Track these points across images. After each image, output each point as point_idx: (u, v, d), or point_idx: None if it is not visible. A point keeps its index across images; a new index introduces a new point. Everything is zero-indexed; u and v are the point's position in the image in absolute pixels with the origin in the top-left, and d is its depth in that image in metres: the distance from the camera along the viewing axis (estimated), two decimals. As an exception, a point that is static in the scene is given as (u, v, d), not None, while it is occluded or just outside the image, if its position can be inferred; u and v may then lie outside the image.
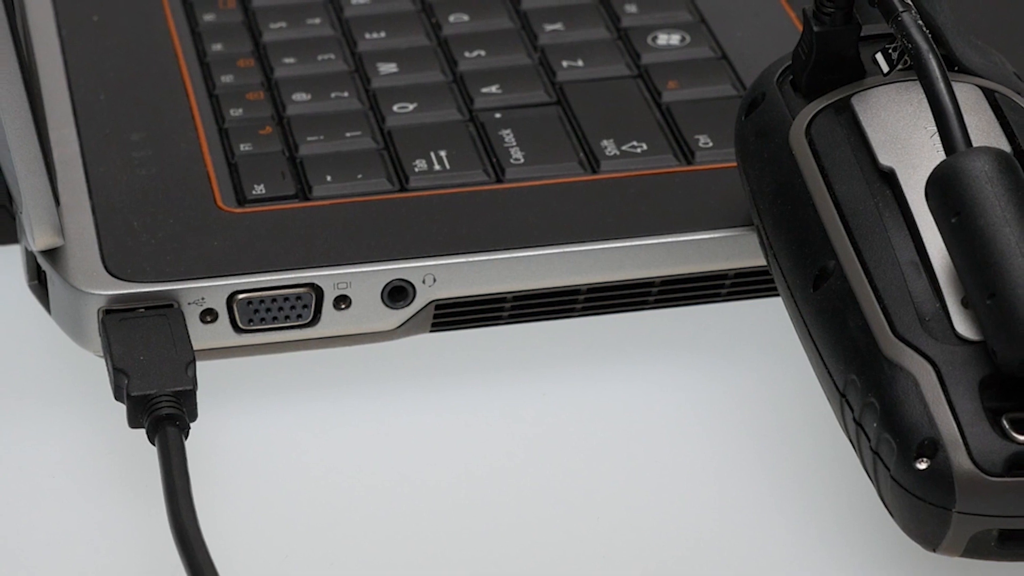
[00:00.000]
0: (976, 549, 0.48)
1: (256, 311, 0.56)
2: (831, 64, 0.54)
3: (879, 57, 0.53)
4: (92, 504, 0.54)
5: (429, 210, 0.58)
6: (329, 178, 0.58)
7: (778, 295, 0.55)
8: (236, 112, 0.61)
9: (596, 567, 0.52)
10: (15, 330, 0.59)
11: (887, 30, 0.52)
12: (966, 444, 0.47)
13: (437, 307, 0.57)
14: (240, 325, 0.56)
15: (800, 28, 0.54)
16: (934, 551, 0.49)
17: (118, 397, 0.53)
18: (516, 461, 0.55)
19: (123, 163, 0.59)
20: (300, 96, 0.62)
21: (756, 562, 0.52)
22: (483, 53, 0.64)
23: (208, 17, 0.65)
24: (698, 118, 0.61)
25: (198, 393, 0.53)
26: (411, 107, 0.61)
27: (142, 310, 0.54)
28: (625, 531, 0.53)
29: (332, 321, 0.56)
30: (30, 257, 0.56)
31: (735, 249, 0.57)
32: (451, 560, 0.52)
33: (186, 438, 0.52)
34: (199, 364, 0.54)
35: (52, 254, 0.55)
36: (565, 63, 0.63)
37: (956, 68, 0.53)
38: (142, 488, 0.53)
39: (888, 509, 0.49)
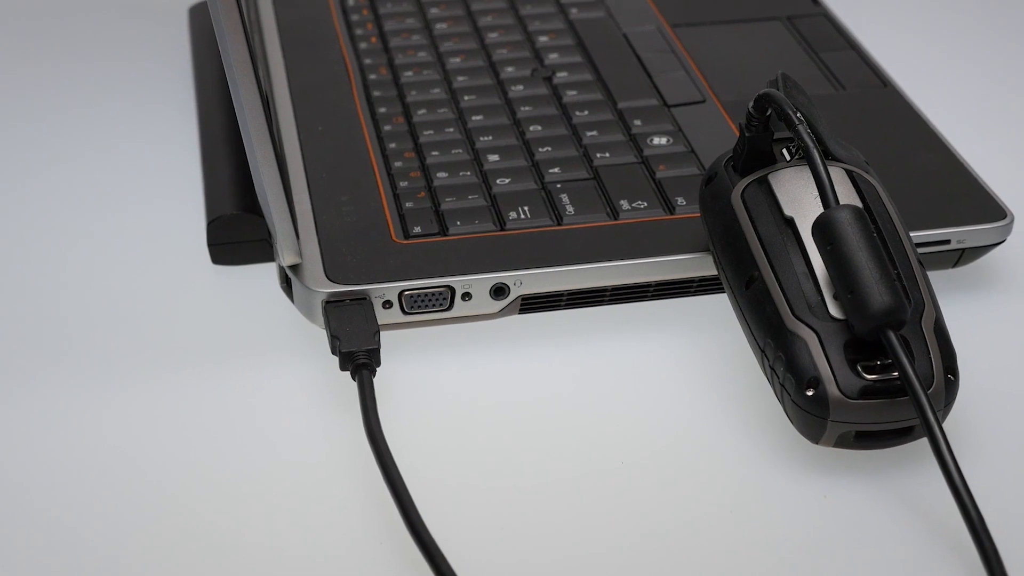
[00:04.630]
0: (841, 442, 0.49)
1: (415, 301, 0.55)
2: (755, 155, 0.54)
3: (784, 151, 0.54)
4: (318, 417, 0.53)
5: (518, 242, 0.57)
6: (459, 223, 0.58)
7: (724, 292, 0.55)
8: (403, 184, 0.61)
9: (616, 452, 0.52)
10: (272, 314, 0.58)
11: (789, 135, 0.53)
12: (836, 380, 0.48)
13: (523, 299, 0.57)
14: (405, 310, 0.55)
15: (737, 133, 0.54)
16: (816, 443, 0.50)
17: (333, 352, 0.53)
18: (569, 389, 0.55)
19: (336, 214, 0.59)
20: (441, 175, 0.61)
21: (713, 447, 0.52)
22: (550, 149, 0.63)
23: (387, 127, 0.65)
24: (677, 187, 0.60)
25: (381, 350, 0.53)
26: (507, 181, 0.61)
27: (348, 301, 0.54)
28: (635, 432, 0.53)
29: (460, 308, 0.56)
30: (281, 270, 0.56)
31: (699, 264, 0.57)
32: (526, 447, 0.52)
33: (374, 377, 0.52)
34: (381, 333, 0.54)
35: (294, 268, 0.55)
36: (598, 155, 0.63)
37: (830, 157, 0.53)
38: (347, 407, 0.53)
39: (789, 419, 0.50)
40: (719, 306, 0.57)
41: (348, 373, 0.53)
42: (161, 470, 0.51)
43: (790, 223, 0.51)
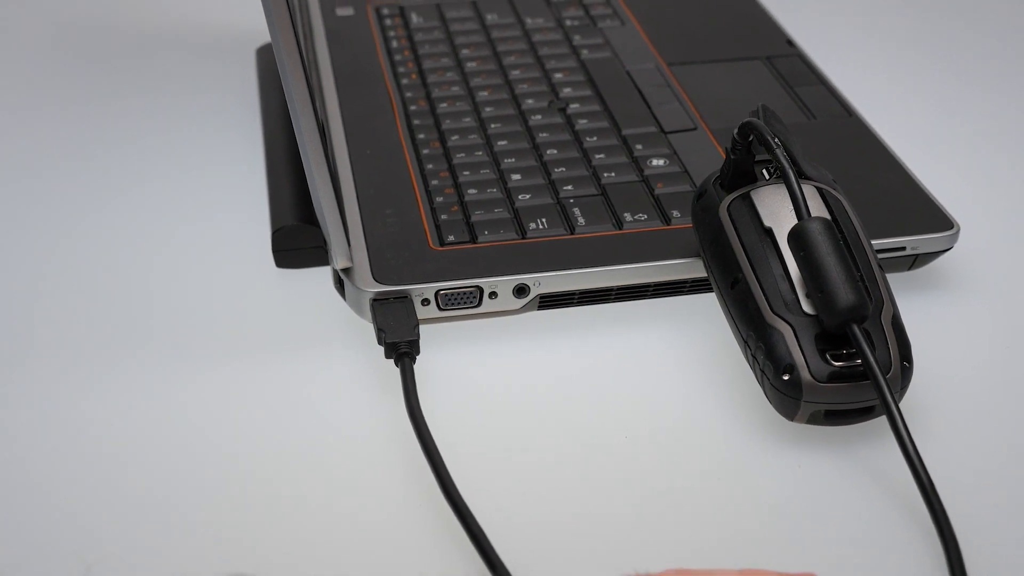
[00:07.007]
0: (813, 420, 0.49)
1: (449, 299, 0.55)
2: (739, 175, 0.54)
3: (764, 171, 0.54)
4: (366, 398, 0.53)
5: (536, 249, 0.57)
6: (486, 232, 0.58)
7: (712, 292, 0.55)
8: (439, 199, 0.61)
9: (620, 427, 0.52)
10: (327, 310, 0.58)
11: (768, 157, 0.53)
12: (808, 367, 0.48)
13: (541, 298, 0.57)
14: (441, 306, 0.55)
15: (724, 156, 0.54)
16: (791, 420, 0.49)
17: (380, 342, 0.53)
18: (579, 373, 0.55)
19: (382, 225, 0.59)
20: (472, 191, 0.61)
21: (703, 423, 0.52)
22: (564, 169, 0.63)
23: (425, 151, 0.64)
24: (673, 202, 0.60)
25: (420, 341, 0.53)
26: (527, 197, 0.61)
27: (391, 299, 0.54)
28: (636, 411, 0.53)
29: (487, 305, 0.56)
30: (335, 272, 0.56)
31: (692, 268, 0.57)
32: (544, 423, 0.52)
33: (414, 364, 0.52)
34: (420, 326, 0.54)
35: (346, 271, 0.55)
36: (605, 174, 0.62)
37: (803, 176, 0.53)
38: (391, 389, 0.53)
39: (768, 400, 0.50)
40: (708, 304, 0.57)
41: (392, 360, 0.53)
42: (232, 442, 0.51)
43: (769, 233, 0.51)
